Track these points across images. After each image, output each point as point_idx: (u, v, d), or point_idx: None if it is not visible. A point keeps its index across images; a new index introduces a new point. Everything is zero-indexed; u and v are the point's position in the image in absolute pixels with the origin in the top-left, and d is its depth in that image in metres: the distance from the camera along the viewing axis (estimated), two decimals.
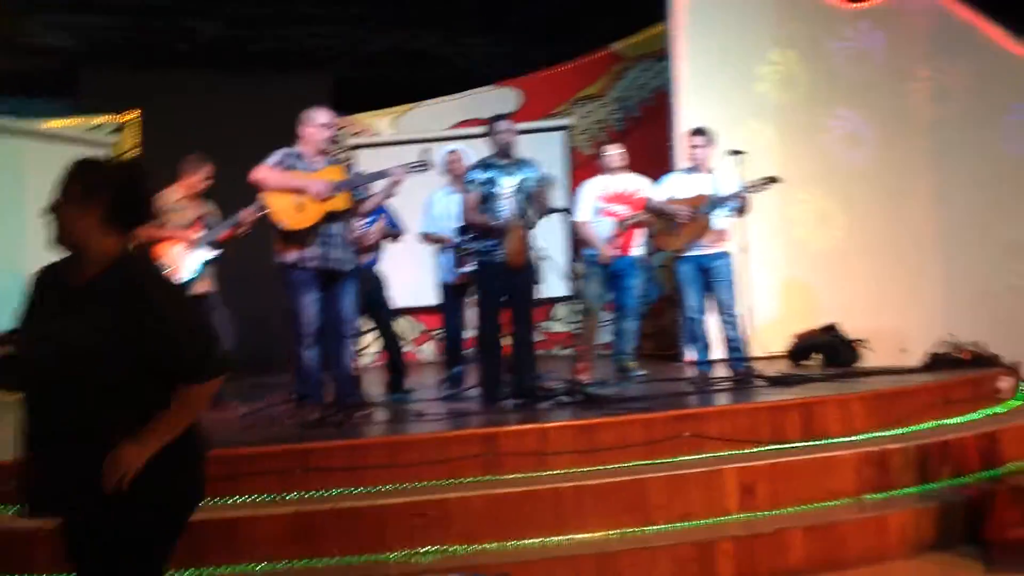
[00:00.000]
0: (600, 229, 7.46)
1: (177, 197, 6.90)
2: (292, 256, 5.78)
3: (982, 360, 6.90)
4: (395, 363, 7.28)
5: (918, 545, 4.90)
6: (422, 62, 12.28)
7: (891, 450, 5.27)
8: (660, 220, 6.97)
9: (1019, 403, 6.58)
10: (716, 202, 6.70)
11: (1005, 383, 6.59)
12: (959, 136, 8.69)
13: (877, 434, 5.49)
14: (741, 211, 6.64)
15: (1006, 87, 8.55)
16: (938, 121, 8.82)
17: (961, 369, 6.78)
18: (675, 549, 4.50)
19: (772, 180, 6.63)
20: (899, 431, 5.58)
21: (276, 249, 5.84)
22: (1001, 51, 8.59)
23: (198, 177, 6.92)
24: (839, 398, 5.64)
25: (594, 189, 7.57)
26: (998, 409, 6.30)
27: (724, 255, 6.77)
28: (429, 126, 11.21)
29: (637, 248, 7.58)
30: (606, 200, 7.51)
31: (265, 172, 5.79)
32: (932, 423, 5.76)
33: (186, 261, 6.76)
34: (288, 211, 5.79)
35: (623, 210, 7.46)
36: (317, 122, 5.87)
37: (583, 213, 7.48)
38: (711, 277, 6.79)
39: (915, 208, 8.78)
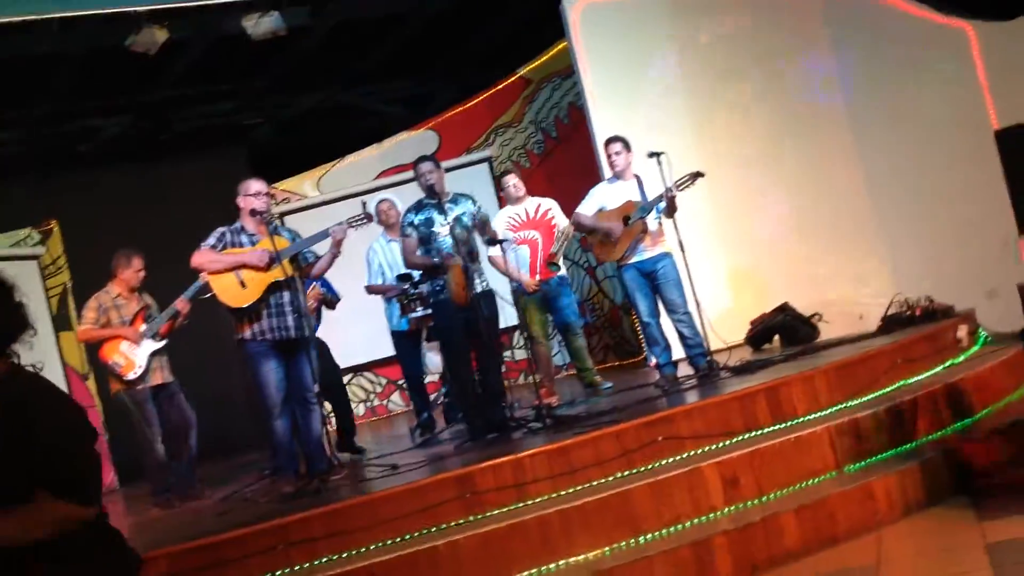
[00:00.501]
0: (518, 258, 7.48)
1: (116, 294, 6.89)
2: (247, 331, 5.77)
3: (935, 313, 6.99)
4: (344, 423, 7.27)
5: (908, 506, 4.94)
6: (335, 119, 12.27)
7: (862, 417, 5.30)
8: (594, 234, 6.99)
9: (979, 348, 6.68)
10: (646, 207, 6.74)
11: (963, 331, 6.68)
12: (870, 99, 8.82)
13: (845, 404, 5.53)
14: (671, 211, 6.66)
15: (907, 46, 8.70)
16: (846, 89, 8.96)
17: (916, 326, 6.86)
18: (671, 554, 4.48)
19: (697, 175, 6.67)
20: (867, 397, 5.62)
21: (234, 327, 5.82)
22: (898, 13, 8.74)
23: (132, 270, 6.89)
24: (803, 375, 5.67)
25: (502, 221, 7.61)
26: (959, 359, 6.39)
27: (666, 256, 6.79)
28: (353, 181, 11.19)
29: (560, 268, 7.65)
30: (516, 229, 7.55)
31: (204, 255, 5.76)
32: (897, 383, 5.81)
33: (135, 356, 6.70)
34: (232, 289, 5.75)
35: (536, 235, 7.51)
36: (251, 191, 5.84)
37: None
38: (657, 280, 6.80)
39: (843, 177, 8.88)
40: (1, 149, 11.01)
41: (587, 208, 7.01)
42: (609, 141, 7.00)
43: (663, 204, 6.65)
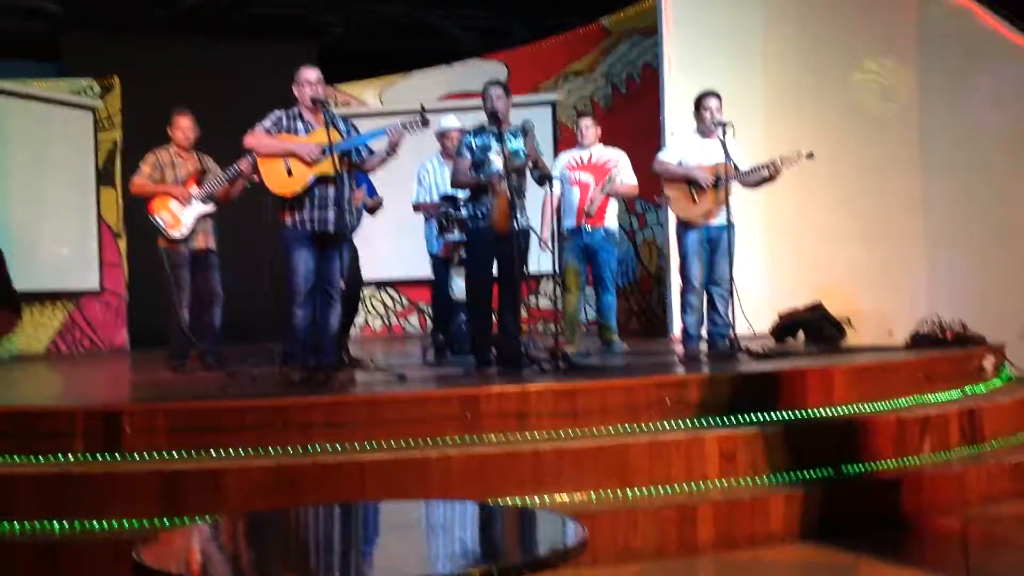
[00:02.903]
0: (568, 199, 7.46)
1: (173, 152, 6.98)
2: (288, 219, 5.82)
3: (965, 339, 6.90)
4: (344, 331, 7.31)
5: None
6: (409, 34, 12.22)
7: (873, 422, 5.28)
8: (678, 186, 6.79)
9: (1002, 382, 6.61)
10: (748, 173, 6.65)
11: (989, 362, 6.60)
12: (944, 120, 8.68)
13: (858, 406, 5.50)
14: (764, 183, 6.63)
15: (990, 74, 8.55)
16: (925, 106, 8.81)
17: (944, 348, 6.80)
18: (656, 512, 4.49)
19: (808, 156, 6.62)
20: (880, 405, 5.59)
21: (275, 211, 5.87)
22: (989, 36, 8.58)
23: (177, 128, 6.93)
24: (820, 370, 5.64)
25: (563, 159, 7.61)
26: (980, 387, 6.33)
27: (730, 226, 6.66)
28: (415, 98, 11.13)
29: (610, 221, 7.58)
30: (573, 169, 7.51)
31: (257, 137, 5.78)
32: (913, 397, 5.77)
33: (182, 215, 6.76)
34: (279, 176, 5.78)
35: (590, 179, 7.45)
36: (302, 78, 5.85)
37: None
38: (715, 249, 6.72)
39: (901, 191, 8.78)
40: None
41: (669, 157, 6.86)
42: (710, 95, 6.78)
43: (764, 174, 6.60)
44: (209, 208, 6.90)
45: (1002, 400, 6.02)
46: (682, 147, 6.90)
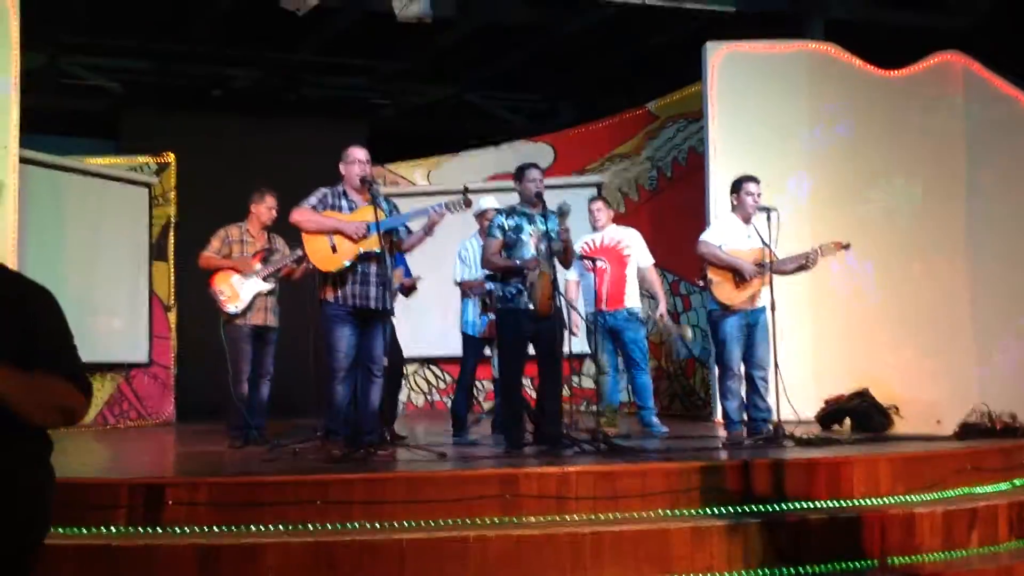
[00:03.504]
0: (586, 284, 7.57)
1: (245, 229, 7.11)
2: (330, 295, 5.91)
3: (1016, 431, 6.78)
4: (387, 406, 7.32)
5: None
6: (458, 117, 12.45)
7: (918, 514, 5.18)
8: (722, 271, 6.75)
9: None
10: (788, 260, 6.70)
11: None
12: (995, 205, 8.65)
13: (904, 497, 5.40)
14: (801, 269, 6.73)
15: None
16: (974, 190, 8.80)
17: (993, 438, 6.67)
18: None
19: (845, 247, 6.74)
20: (928, 496, 5.48)
21: (318, 288, 5.98)
22: None
23: (264, 207, 7.10)
24: (866, 458, 5.57)
25: (577, 244, 7.61)
26: None
27: (764, 311, 6.68)
28: (463, 178, 11.28)
29: (631, 301, 7.59)
30: (586, 255, 7.54)
31: (303, 214, 5.90)
32: (961, 489, 5.66)
33: (241, 290, 6.87)
34: (323, 252, 5.89)
35: (604, 263, 7.50)
36: (351, 158, 5.98)
37: (571, 274, 7.63)
38: (754, 333, 6.70)
39: (951, 278, 8.72)
40: (140, 78, 11.43)
41: (712, 239, 6.84)
42: (750, 180, 6.82)
43: (801, 263, 6.71)
44: (269, 286, 6.99)
45: None
46: (724, 230, 6.91)
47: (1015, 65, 8.81)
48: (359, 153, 6.03)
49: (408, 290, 7.49)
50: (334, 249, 5.87)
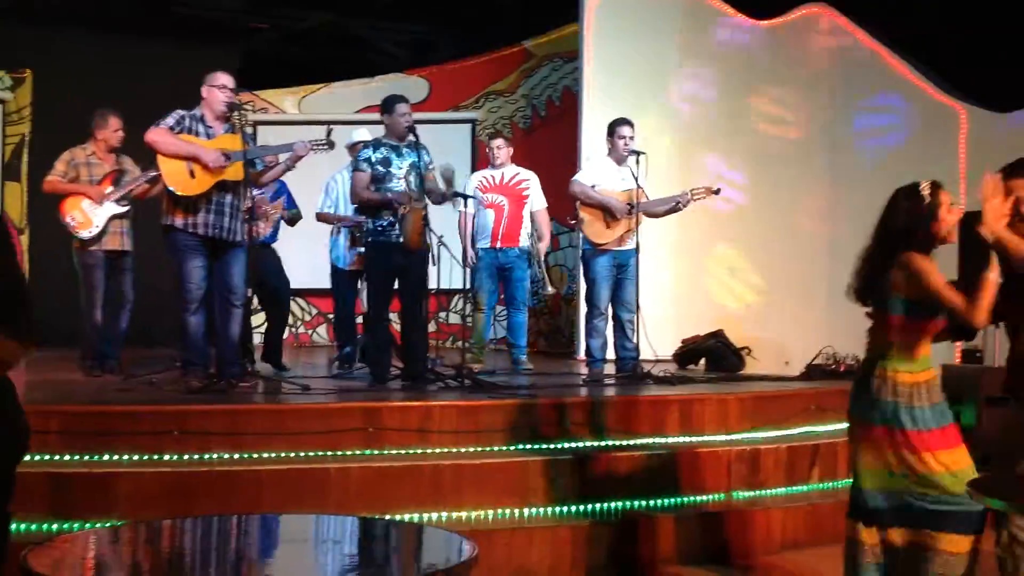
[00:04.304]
0: (482, 220, 7.57)
1: (91, 151, 6.81)
2: (179, 220, 5.70)
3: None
4: (275, 340, 7.25)
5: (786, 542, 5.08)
6: (335, 44, 12.17)
7: (763, 450, 5.43)
8: (592, 210, 6.89)
9: None
10: (659, 202, 6.83)
11: None
12: (856, 157, 9.01)
13: (751, 434, 5.66)
14: (670, 213, 6.93)
15: (903, 119, 8.91)
16: (837, 141, 9.13)
17: (837, 379, 7.01)
18: (551, 531, 4.57)
19: (715, 192, 6.96)
20: (773, 432, 5.75)
21: (164, 211, 5.76)
22: (900, 81, 8.93)
23: (109, 130, 6.81)
24: (718, 397, 5.79)
25: (475, 179, 7.70)
26: None
27: (635, 252, 6.83)
28: (334, 108, 11.12)
29: (524, 240, 7.66)
30: (485, 190, 7.59)
31: (160, 134, 5.68)
32: (805, 427, 5.95)
33: (94, 216, 6.62)
34: (180, 175, 5.68)
35: (504, 201, 7.56)
36: (218, 83, 5.80)
37: (466, 205, 7.60)
38: (624, 274, 6.85)
39: (806, 227, 9.06)
40: None
41: (585, 180, 6.97)
42: (624, 123, 6.93)
43: (670, 205, 6.85)
44: (123, 209, 6.75)
45: None
46: (597, 171, 7.03)
47: (879, 17, 9.11)
48: (225, 79, 5.85)
49: (291, 221, 7.37)
50: (192, 174, 5.67)
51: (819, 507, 5.27)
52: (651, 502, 4.95)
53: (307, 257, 9.62)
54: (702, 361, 8.12)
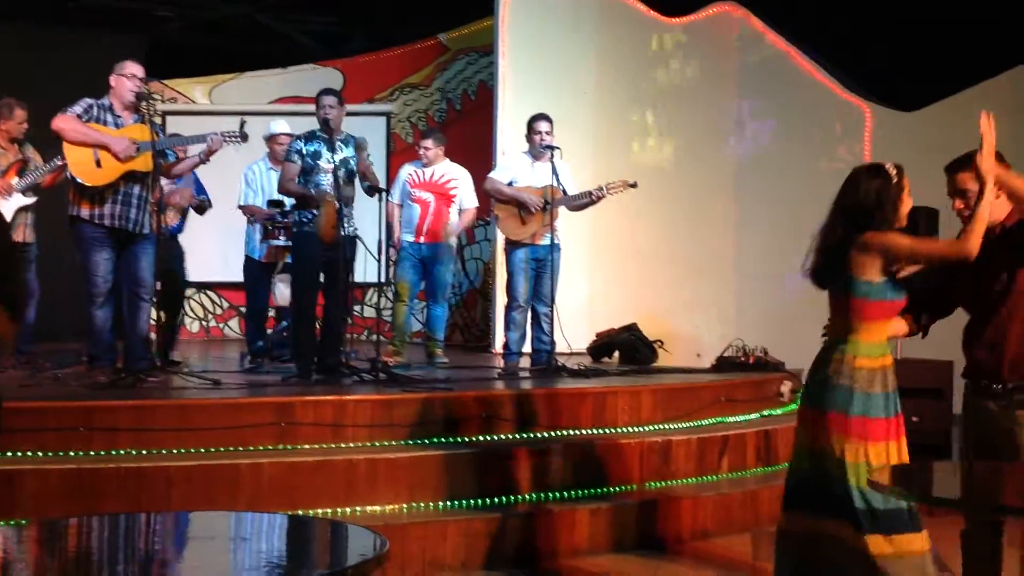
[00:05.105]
0: (408, 214, 7.59)
1: None
2: (86, 211, 5.58)
3: (766, 364, 7.30)
4: (168, 332, 7.11)
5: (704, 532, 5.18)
6: (245, 35, 11.98)
7: (675, 441, 5.52)
8: (507, 206, 6.91)
9: (797, 406, 7.00)
10: (574, 198, 6.86)
11: (786, 387, 7.02)
12: (762, 153, 9.19)
13: (663, 426, 5.75)
14: (588, 206, 6.95)
15: (809, 116, 9.11)
16: (743, 137, 9.31)
17: (746, 372, 7.16)
18: (465, 524, 4.59)
19: (632, 185, 6.97)
20: (684, 424, 5.85)
21: (70, 201, 5.62)
22: (808, 81, 9.13)
23: (14, 121, 6.63)
24: (631, 390, 5.88)
25: (404, 173, 7.71)
26: (777, 411, 6.70)
27: (556, 248, 6.86)
28: (246, 99, 10.94)
29: (448, 235, 7.68)
30: (414, 186, 7.60)
31: (68, 121, 5.55)
32: (715, 419, 6.07)
33: (2, 209, 6.41)
34: (86, 165, 5.56)
35: (430, 198, 7.57)
36: (127, 72, 5.68)
37: (394, 196, 7.60)
38: (542, 269, 6.87)
39: (717, 222, 9.21)
40: None
41: (501, 176, 7.00)
42: (542, 118, 6.93)
43: (587, 200, 6.86)
44: (29, 200, 6.59)
45: (795, 424, 6.37)
46: (513, 167, 7.06)
47: (790, 19, 9.31)
48: (135, 68, 5.75)
49: (200, 209, 7.23)
50: (99, 164, 5.56)
51: (728, 497, 5.39)
52: (565, 494, 5.01)
53: (220, 249, 9.48)
54: (616, 354, 8.22)
